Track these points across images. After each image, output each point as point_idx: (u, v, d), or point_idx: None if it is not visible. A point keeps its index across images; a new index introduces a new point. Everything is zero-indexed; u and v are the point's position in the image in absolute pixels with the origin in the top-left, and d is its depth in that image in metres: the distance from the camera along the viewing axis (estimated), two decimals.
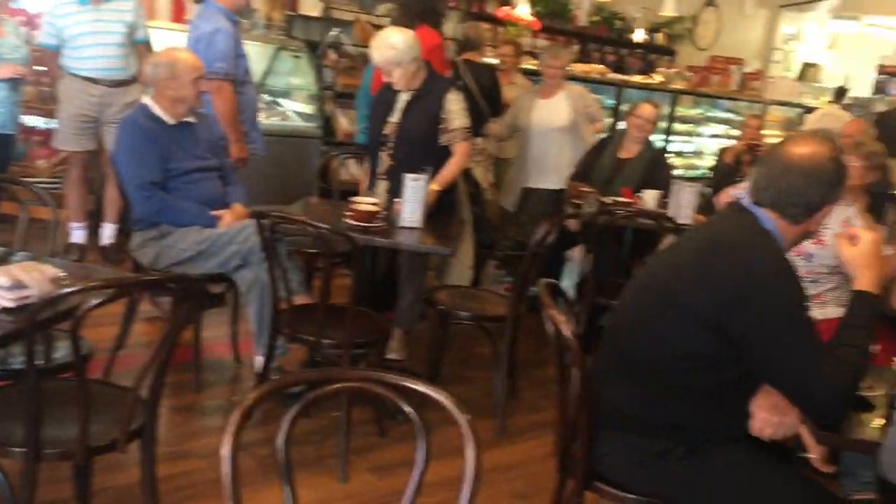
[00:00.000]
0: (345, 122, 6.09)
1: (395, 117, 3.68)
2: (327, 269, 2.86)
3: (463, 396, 3.63)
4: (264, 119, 5.74)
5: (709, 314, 1.90)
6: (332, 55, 6.06)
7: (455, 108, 3.65)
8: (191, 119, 3.44)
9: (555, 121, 5.03)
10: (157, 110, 3.32)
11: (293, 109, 6.09)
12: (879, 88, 11.20)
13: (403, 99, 3.67)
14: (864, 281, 1.95)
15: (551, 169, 5.01)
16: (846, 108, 9.55)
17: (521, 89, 6.18)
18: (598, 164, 4.81)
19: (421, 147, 3.59)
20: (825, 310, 3.14)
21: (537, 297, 2.21)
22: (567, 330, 2.04)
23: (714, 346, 1.93)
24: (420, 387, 1.44)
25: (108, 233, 4.85)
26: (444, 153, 3.64)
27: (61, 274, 2.07)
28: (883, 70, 11.42)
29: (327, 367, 1.81)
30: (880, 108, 10.35)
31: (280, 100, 6.11)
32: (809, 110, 9.90)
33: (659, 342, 1.99)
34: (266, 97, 5.96)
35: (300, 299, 3.23)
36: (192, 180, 3.36)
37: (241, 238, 3.22)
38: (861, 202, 3.60)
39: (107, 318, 3.53)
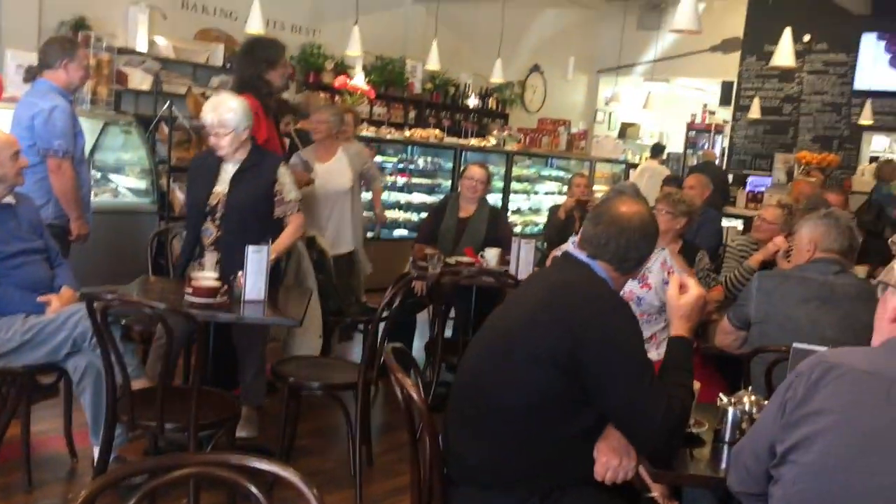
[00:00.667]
0: (181, 196, 5.93)
1: (220, 187, 3.61)
2: (167, 351, 2.75)
3: (319, 469, 3.60)
4: (94, 196, 5.51)
5: (559, 355, 2.00)
6: (165, 129, 5.92)
7: (288, 182, 3.67)
8: (10, 200, 3.25)
9: (340, 183, 4.92)
10: None
11: (125, 185, 5.88)
12: (691, 143, 12.24)
13: (229, 169, 3.61)
14: (682, 329, 2.16)
15: (343, 233, 4.95)
16: (664, 162, 10.35)
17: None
18: (443, 227, 4.95)
19: (252, 218, 3.56)
20: (660, 349, 3.34)
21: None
22: (415, 393, 2.06)
23: (564, 386, 2.01)
24: (266, 465, 1.41)
25: None
26: (276, 224, 3.63)
27: None
28: (692, 126, 12.50)
29: (170, 454, 1.73)
30: (693, 161, 11.28)
31: (111, 175, 5.89)
32: (631, 166, 10.65)
33: (509, 391, 2.06)
34: (95, 173, 5.73)
35: (138, 383, 3.09)
36: (15, 265, 3.15)
37: (71, 323, 3.04)
38: (674, 245, 3.92)
39: None
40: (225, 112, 3.48)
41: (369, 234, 7.37)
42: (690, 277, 2.34)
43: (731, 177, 10.51)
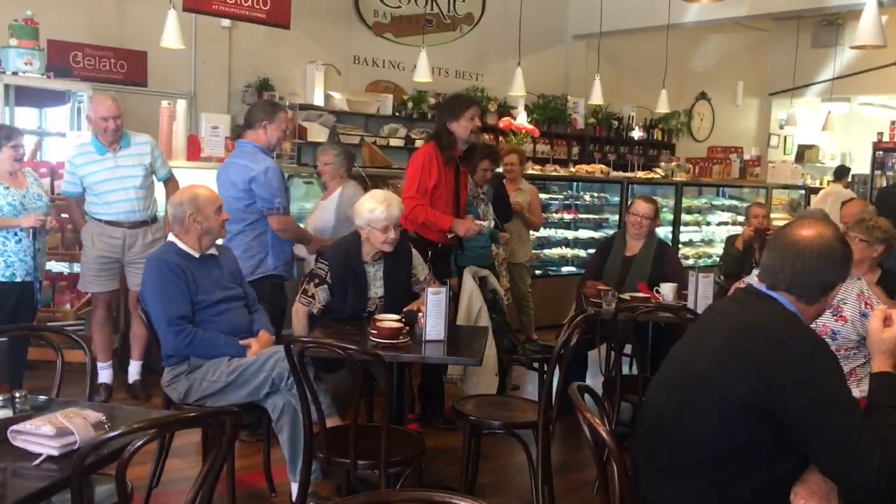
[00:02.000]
0: None
1: (374, 291, 3.78)
2: (358, 391, 2.87)
3: None
4: None
5: (755, 403, 1.91)
6: None
7: (419, 259, 3.92)
8: (213, 251, 3.54)
9: (323, 220, 4.98)
10: (184, 246, 3.43)
11: None
12: (879, 164, 11.41)
13: (374, 270, 3.77)
14: (886, 365, 2.00)
15: None
16: (849, 185, 9.70)
17: (528, 194, 6.33)
18: (609, 265, 4.89)
19: (403, 302, 3.73)
20: (862, 386, 3.11)
21: (566, 399, 2.22)
22: (603, 431, 2.04)
23: (762, 433, 1.93)
24: (468, 502, 1.45)
25: (134, 370, 4.89)
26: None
27: (103, 418, 2.11)
28: (879, 146, 11.66)
29: (369, 492, 1.78)
30: (881, 183, 10.51)
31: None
32: (812, 191, 10.05)
33: (703, 437, 1.98)
34: None
35: (331, 421, 3.24)
36: (219, 311, 3.43)
37: (270, 365, 3.26)
38: (871, 275, 3.64)
39: (138, 456, 3.54)
40: (397, 203, 3.68)
41: (537, 272, 7.40)
42: (894, 310, 2.18)
43: None
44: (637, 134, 10.81)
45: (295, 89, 8.16)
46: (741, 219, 8.51)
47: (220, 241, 3.70)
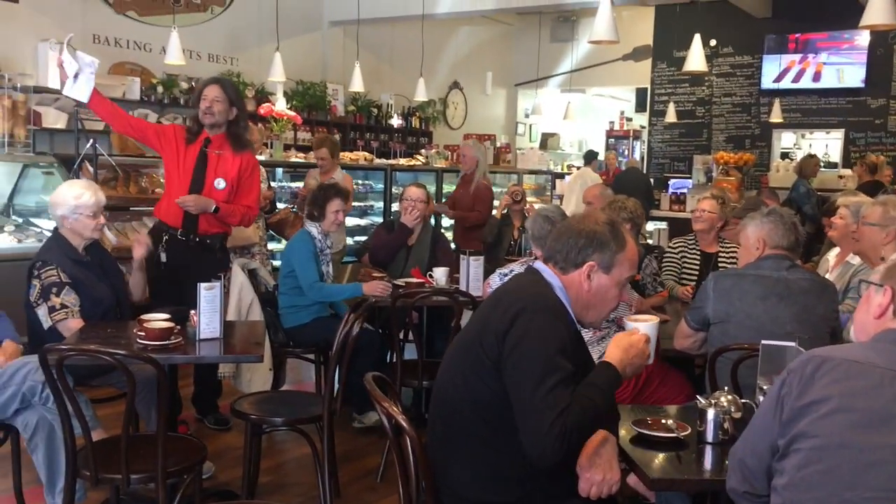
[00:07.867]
0: (111, 236, 5.71)
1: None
2: (130, 397, 2.63)
3: None
4: (17, 242, 5.28)
5: (496, 360, 2.00)
6: (89, 168, 5.69)
7: None
8: None
9: None
10: None
11: (50, 228, 5.63)
12: (611, 150, 12.52)
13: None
14: (614, 357, 2.09)
15: None
16: (597, 169, 10.52)
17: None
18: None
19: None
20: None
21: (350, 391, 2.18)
22: (404, 421, 2.02)
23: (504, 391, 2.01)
24: None
25: None
26: None
27: None
28: (611, 133, 12.79)
29: None
30: (621, 166, 11.52)
31: (34, 219, 5.63)
32: (556, 175, 10.80)
33: (468, 405, 2.07)
34: (17, 218, 5.49)
35: (96, 435, 2.95)
36: None
37: (20, 378, 2.89)
38: None
39: None
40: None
41: None
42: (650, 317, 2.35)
43: (652, 180, 10.78)
44: (396, 122, 10.97)
45: (26, 70, 7.32)
46: (497, 203, 8.92)
47: None
